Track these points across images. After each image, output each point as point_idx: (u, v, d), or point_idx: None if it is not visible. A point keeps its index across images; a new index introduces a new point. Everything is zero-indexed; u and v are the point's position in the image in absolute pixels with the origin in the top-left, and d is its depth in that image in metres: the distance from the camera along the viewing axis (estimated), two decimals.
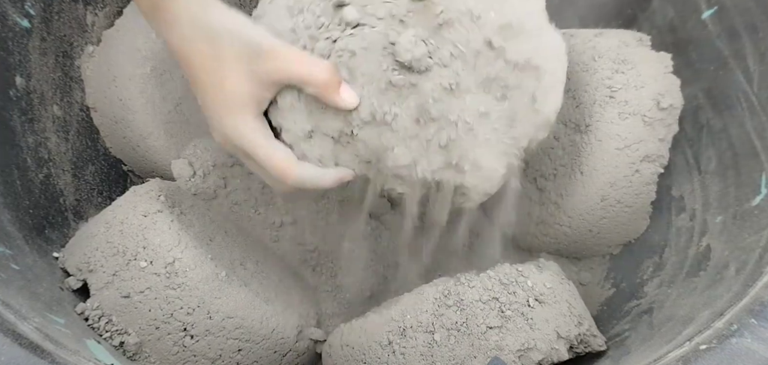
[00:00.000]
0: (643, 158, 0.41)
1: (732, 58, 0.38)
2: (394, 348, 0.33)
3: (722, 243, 0.35)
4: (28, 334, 0.24)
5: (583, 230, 0.44)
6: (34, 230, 0.36)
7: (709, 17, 0.40)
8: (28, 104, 0.38)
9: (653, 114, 0.40)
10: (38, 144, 0.38)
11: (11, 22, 0.36)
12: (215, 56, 0.28)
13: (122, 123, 0.43)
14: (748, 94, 0.37)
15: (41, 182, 0.38)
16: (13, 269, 0.30)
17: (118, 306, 0.33)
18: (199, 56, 0.28)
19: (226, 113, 0.29)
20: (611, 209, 0.43)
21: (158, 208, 0.36)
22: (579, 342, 0.34)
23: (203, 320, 0.34)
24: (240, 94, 0.28)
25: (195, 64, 0.29)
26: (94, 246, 0.35)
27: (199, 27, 0.28)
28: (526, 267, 0.35)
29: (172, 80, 0.44)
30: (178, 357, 0.34)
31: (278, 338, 0.38)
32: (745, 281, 0.29)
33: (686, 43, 0.42)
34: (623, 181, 0.41)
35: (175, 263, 0.34)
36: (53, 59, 0.41)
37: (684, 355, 0.25)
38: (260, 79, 0.28)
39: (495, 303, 0.32)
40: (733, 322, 0.26)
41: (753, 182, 0.35)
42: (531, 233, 0.48)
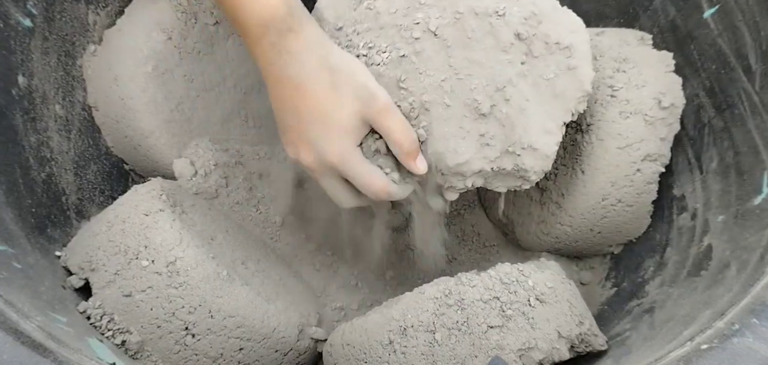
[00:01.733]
0: (644, 157, 0.41)
1: (734, 57, 0.38)
2: (395, 347, 0.33)
3: (724, 243, 0.35)
4: (30, 333, 0.24)
5: (584, 230, 0.44)
6: (36, 228, 0.36)
7: (711, 16, 0.40)
8: (30, 103, 0.38)
9: (654, 113, 0.40)
10: (40, 143, 0.39)
11: (13, 22, 0.37)
12: (334, 88, 0.33)
13: (124, 122, 0.43)
14: (749, 93, 0.37)
15: (43, 181, 0.38)
16: (15, 268, 0.31)
17: (120, 305, 0.33)
18: (321, 86, 0.33)
19: (335, 136, 0.33)
20: (612, 208, 0.43)
21: (160, 207, 0.36)
22: (580, 342, 0.34)
23: (205, 319, 0.34)
24: (348, 124, 0.33)
25: (315, 90, 0.33)
26: (96, 245, 0.35)
27: (324, 59, 0.33)
28: (527, 267, 0.35)
29: (173, 80, 0.44)
30: (180, 356, 0.34)
31: (279, 337, 0.38)
32: (746, 280, 0.29)
33: (688, 41, 0.42)
34: (624, 180, 0.41)
35: (176, 263, 0.34)
36: (55, 58, 0.41)
37: (685, 355, 0.25)
38: (365, 120, 0.34)
39: (496, 302, 0.32)
40: (734, 322, 0.25)
41: (755, 181, 0.35)
42: (532, 233, 0.48)
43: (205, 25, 0.45)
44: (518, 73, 0.33)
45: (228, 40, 0.47)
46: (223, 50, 0.47)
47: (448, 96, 0.33)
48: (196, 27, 0.45)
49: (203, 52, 0.45)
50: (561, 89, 0.33)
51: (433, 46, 0.33)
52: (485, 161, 0.34)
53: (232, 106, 0.48)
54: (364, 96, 0.33)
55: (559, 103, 0.34)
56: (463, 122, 0.33)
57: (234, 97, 0.48)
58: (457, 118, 0.33)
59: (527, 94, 0.33)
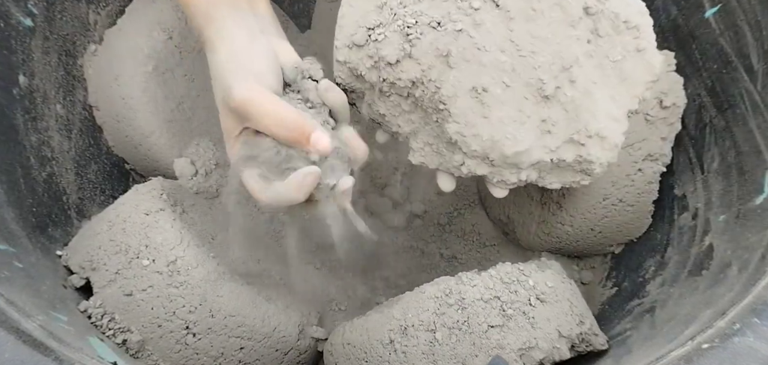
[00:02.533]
0: (645, 156, 0.41)
1: (735, 56, 0.38)
2: (395, 346, 0.33)
3: (725, 242, 0.35)
4: (31, 332, 0.24)
5: (584, 229, 0.44)
6: (37, 228, 0.36)
7: (713, 15, 0.40)
8: (31, 103, 0.38)
9: (656, 113, 0.40)
10: (41, 143, 0.39)
11: (14, 21, 0.37)
12: (215, 84, 0.32)
13: (124, 122, 0.43)
14: (751, 92, 0.37)
15: (44, 181, 0.38)
16: (16, 267, 0.31)
17: (121, 304, 0.34)
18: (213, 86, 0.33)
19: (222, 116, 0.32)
20: (613, 208, 0.42)
21: (160, 206, 0.36)
22: (580, 341, 0.34)
23: (205, 318, 0.34)
24: (227, 130, 0.32)
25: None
26: (97, 244, 0.35)
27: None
28: (528, 266, 0.35)
29: (174, 79, 0.44)
30: (181, 355, 0.34)
31: (280, 336, 0.38)
32: (747, 280, 0.29)
33: (689, 41, 0.42)
34: (625, 180, 0.41)
35: (177, 262, 0.34)
36: (56, 58, 0.41)
37: (686, 354, 0.25)
38: (240, 121, 0.31)
39: (496, 301, 0.32)
40: (735, 321, 0.25)
41: (756, 180, 0.35)
42: (532, 232, 0.48)
43: None
44: (585, 52, 0.29)
45: None
46: None
47: (508, 75, 0.29)
48: None
49: (204, 51, 0.45)
50: (629, 73, 0.30)
51: (493, 19, 0.29)
52: (545, 150, 0.30)
53: None
54: (224, 98, 0.31)
55: (625, 88, 0.30)
56: (524, 105, 0.29)
57: None
58: (516, 100, 0.29)
59: (593, 76, 0.29)
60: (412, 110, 0.32)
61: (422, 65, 0.30)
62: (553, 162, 0.31)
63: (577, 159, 0.31)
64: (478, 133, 0.30)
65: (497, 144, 0.30)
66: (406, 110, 0.32)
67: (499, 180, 0.32)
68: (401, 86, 0.31)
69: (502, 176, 0.31)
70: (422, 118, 0.32)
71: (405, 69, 0.30)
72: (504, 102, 0.29)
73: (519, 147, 0.30)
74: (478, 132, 0.30)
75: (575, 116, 0.30)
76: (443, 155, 0.32)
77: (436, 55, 0.29)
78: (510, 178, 0.31)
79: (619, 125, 0.30)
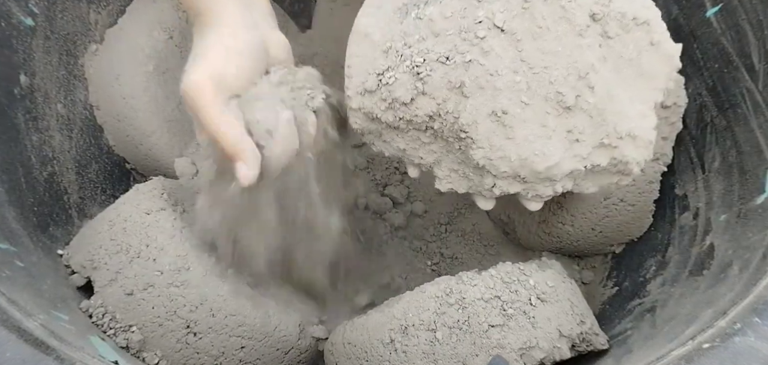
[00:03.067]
0: None
1: (737, 55, 0.38)
2: (396, 346, 0.33)
3: (726, 242, 0.35)
4: (32, 331, 0.24)
5: (585, 229, 0.44)
6: (38, 227, 0.36)
7: (714, 15, 0.40)
8: (32, 102, 0.38)
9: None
10: (42, 142, 0.39)
11: (15, 21, 0.37)
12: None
13: (125, 121, 0.43)
14: (752, 92, 0.37)
15: (45, 180, 0.38)
16: (17, 267, 0.31)
17: (122, 303, 0.34)
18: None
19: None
20: (614, 207, 0.42)
21: (161, 206, 0.36)
22: (581, 341, 0.34)
23: (206, 317, 0.34)
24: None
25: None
26: (98, 244, 0.35)
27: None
28: (528, 266, 0.35)
29: (174, 79, 0.44)
30: (182, 354, 0.35)
31: (281, 335, 0.38)
32: (748, 280, 0.29)
33: (690, 40, 0.42)
34: None
35: (177, 261, 0.34)
36: (57, 57, 0.41)
37: (687, 354, 0.25)
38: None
39: (497, 301, 0.32)
40: (736, 321, 0.25)
41: (757, 180, 0.35)
42: (533, 232, 0.48)
43: None
44: (599, 57, 0.29)
45: None
46: None
47: (525, 94, 0.29)
48: None
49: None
50: (647, 67, 0.30)
51: (500, 44, 0.29)
52: (577, 159, 0.30)
53: None
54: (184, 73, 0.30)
55: (646, 82, 0.30)
56: (547, 119, 0.29)
57: None
58: (538, 116, 0.29)
59: (612, 78, 0.29)
60: (432, 141, 0.32)
61: (437, 100, 0.30)
62: (587, 169, 0.31)
63: (612, 162, 0.30)
64: (506, 154, 0.30)
65: (527, 162, 0.30)
66: (425, 142, 0.32)
67: (534, 195, 0.32)
68: (419, 122, 0.31)
69: (536, 192, 0.31)
70: (443, 147, 0.32)
71: (420, 106, 0.30)
72: (526, 120, 0.29)
73: (549, 162, 0.30)
74: (506, 153, 0.30)
75: (601, 121, 0.29)
76: (471, 179, 0.32)
77: (449, 88, 0.29)
78: (545, 191, 0.31)
79: (647, 120, 0.30)
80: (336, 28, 0.57)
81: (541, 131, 0.29)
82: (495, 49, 0.29)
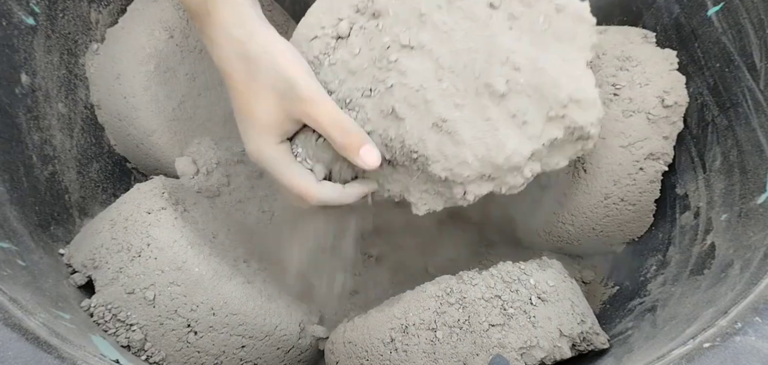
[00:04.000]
0: (647, 155, 0.41)
1: (738, 54, 0.38)
2: (396, 345, 0.33)
3: (727, 241, 0.35)
4: (34, 329, 0.24)
5: (586, 229, 0.44)
6: (39, 226, 0.36)
7: (715, 14, 0.40)
8: (33, 102, 0.38)
9: (658, 112, 0.40)
10: (43, 141, 0.39)
11: (16, 20, 0.37)
12: (251, 78, 0.29)
13: (126, 120, 0.44)
14: (753, 91, 0.37)
15: (46, 179, 0.38)
16: (19, 266, 0.31)
17: (123, 302, 0.34)
18: (238, 75, 0.30)
19: (253, 132, 0.30)
20: (615, 207, 0.42)
21: (162, 205, 0.36)
22: (582, 340, 0.34)
23: (207, 316, 0.35)
24: (267, 120, 0.30)
25: (233, 79, 0.30)
26: (99, 243, 0.35)
27: (241, 44, 0.29)
28: (529, 265, 0.35)
29: (175, 78, 0.44)
30: (182, 353, 0.35)
31: (281, 335, 0.38)
32: (749, 279, 0.29)
33: (692, 39, 0.42)
34: (627, 179, 0.41)
35: (178, 260, 0.34)
36: (58, 57, 0.41)
37: (687, 353, 0.25)
38: (288, 114, 0.30)
39: (497, 300, 0.32)
40: (737, 320, 0.25)
41: (758, 179, 0.35)
42: (533, 232, 0.48)
43: None
44: (513, 38, 0.29)
45: None
46: None
47: (457, 97, 0.29)
48: None
49: (205, 50, 0.45)
50: (563, 32, 0.29)
51: (414, 59, 0.29)
52: (533, 140, 0.29)
53: None
54: (283, 88, 0.29)
55: (568, 45, 0.29)
56: (487, 112, 0.29)
57: None
58: (477, 112, 0.29)
59: (533, 53, 0.29)
60: (392, 171, 0.33)
61: (378, 131, 0.30)
62: (546, 146, 0.30)
63: (567, 131, 0.30)
64: (463, 159, 0.29)
65: (486, 159, 0.29)
66: (387, 174, 0.33)
67: (508, 189, 0.31)
68: None
69: (508, 184, 0.31)
70: (404, 173, 0.32)
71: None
72: (467, 121, 0.29)
73: (507, 151, 0.29)
74: (462, 158, 0.29)
75: (539, 96, 0.29)
76: (443, 194, 0.32)
77: (383, 116, 0.30)
78: (516, 181, 0.31)
79: (584, 80, 0.29)
80: None
81: (486, 125, 0.29)
82: (411, 66, 0.29)
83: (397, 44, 0.29)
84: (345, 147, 0.30)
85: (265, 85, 0.29)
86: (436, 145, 0.29)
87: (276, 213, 0.44)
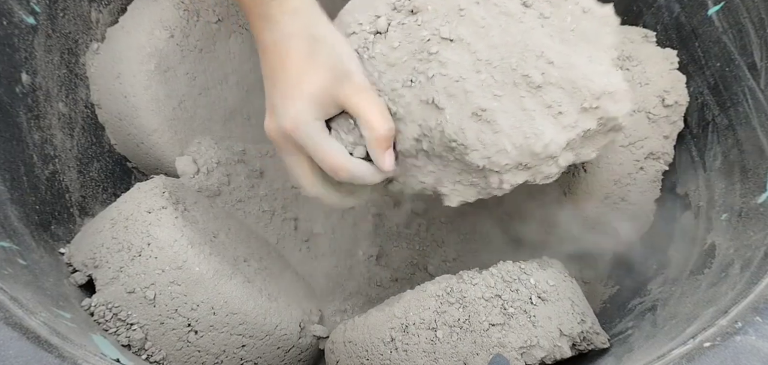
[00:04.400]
0: (647, 155, 0.41)
1: (738, 54, 0.38)
2: (396, 344, 0.33)
3: (727, 241, 0.35)
4: (35, 329, 0.24)
5: (586, 228, 0.44)
6: (40, 226, 0.36)
7: (716, 13, 0.39)
8: (33, 101, 0.38)
9: (658, 111, 0.40)
10: (44, 141, 0.39)
11: (17, 19, 0.37)
12: (310, 56, 0.31)
13: (127, 120, 0.44)
14: (754, 90, 0.37)
15: (47, 179, 0.38)
16: (20, 265, 0.31)
17: (124, 301, 0.34)
18: (297, 51, 0.31)
19: (296, 104, 0.31)
20: (615, 206, 0.42)
21: (163, 204, 0.36)
22: (582, 340, 0.34)
23: (207, 315, 0.35)
24: (316, 95, 0.31)
25: (291, 56, 0.31)
26: (100, 242, 0.35)
27: (308, 26, 0.31)
28: (529, 265, 0.35)
29: (176, 77, 0.44)
30: (183, 352, 0.35)
31: (281, 334, 0.38)
32: (749, 278, 0.29)
33: (692, 39, 0.42)
34: (627, 178, 0.41)
35: (179, 260, 0.34)
36: (58, 56, 0.41)
37: (688, 353, 0.25)
38: (334, 97, 0.31)
39: (497, 300, 0.32)
40: (737, 320, 0.25)
41: (758, 179, 0.35)
42: (534, 231, 0.47)
43: (208, 22, 0.45)
44: (544, 35, 0.31)
45: (230, 38, 0.47)
46: (225, 48, 0.47)
47: (495, 88, 0.30)
48: (199, 25, 0.45)
49: (205, 49, 0.45)
50: (590, 32, 0.31)
51: (454, 51, 0.30)
52: (568, 129, 0.30)
53: (234, 103, 0.48)
54: (339, 72, 0.31)
55: (594, 45, 0.31)
56: (524, 102, 0.30)
57: (236, 94, 0.48)
58: (515, 102, 0.30)
59: (564, 50, 0.30)
60: (427, 162, 0.33)
61: (417, 121, 0.31)
62: (580, 136, 0.31)
63: (600, 122, 0.31)
64: (501, 147, 0.30)
65: (524, 148, 0.30)
66: (420, 165, 0.33)
67: (542, 178, 0.32)
68: (408, 148, 0.32)
69: (543, 173, 0.32)
70: (440, 164, 0.33)
71: (405, 133, 0.32)
72: (505, 110, 0.30)
73: (545, 139, 0.30)
74: (501, 146, 0.30)
75: (573, 89, 0.30)
76: (477, 184, 0.33)
77: (423, 106, 0.31)
78: (551, 171, 0.32)
79: (614, 76, 0.31)
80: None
81: (524, 114, 0.30)
82: (451, 58, 0.30)
83: (437, 37, 0.30)
84: (379, 140, 0.31)
85: (324, 64, 0.31)
86: (475, 134, 0.30)
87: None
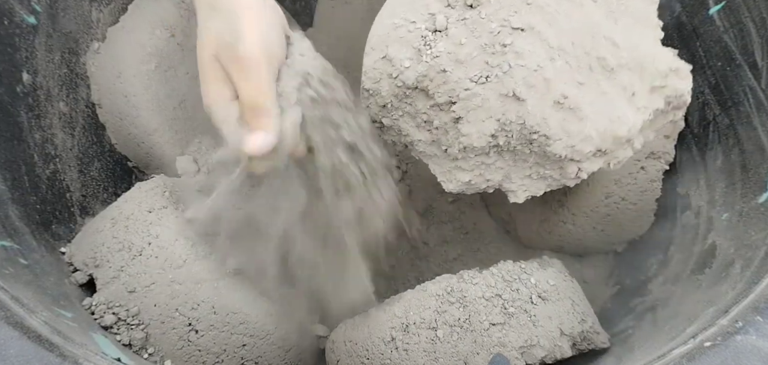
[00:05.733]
0: (648, 154, 0.41)
1: (740, 53, 0.38)
2: (396, 344, 0.33)
3: (728, 240, 0.35)
4: (36, 328, 0.24)
5: (587, 228, 0.44)
6: (41, 225, 0.36)
7: (717, 12, 0.39)
8: (34, 101, 0.38)
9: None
10: (45, 140, 0.39)
11: (18, 19, 0.37)
12: (212, 7, 0.30)
13: (127, 119, 0.44)
14: (755, 90, 0.37)
15: (48, 178, 0.38)
16: (21, 264, 0.31)
17: (124, 301, 0.34)
18: (201, 7, 0.30)
19: (202, 68, 0.31)
20: (616, 206, 0.42)
21: (163, 204, 0.36)
22: (582, 339, 0.34)
23: (208, 315, 0.35)
24: (207, 61, 0.30)
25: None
26: (101, 242, 0.35)
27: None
28: (530, 264, 0.35)
29: (176, 77, 0.44)
30: (184, 352, 0.35)
31: (282, 333, 0.38)
32: (750, 278, 0.29)
33: (693, 38, 0.42)
34: (628, 178, 0.41)
35: (179, 259, 0.34)
36: (59, 56, 0.41)
37: (688, 352, 0.25)
38: (222, 63, 0.30)
39: (498, 299, 0.32)
40: (738, 319, 0.25)
41: (759, 179, 0.35)
42: (534, 231, 0.47)
43: None
44: (603, 17, 0.30)
45: None
46: None
47: (576, 74, 0.29)
48: None
49: None
50: (638, 13, 0.32)
51: (526, 41, 0.29)
52: (641, 111, 0.30)
53: None
54: (226, 39, 0.29)
55: (643, 24, 0.32)
56: (602, 86, 0.30)
57: None
58: (595, 87, 0.29)
59: (622, 30, 0.31)
60: (498, 158, 0.32)
61: (495, 116, 0.30)
62: (650, 117, 0.31)
63: (667, 101, 0.31)
64: (586, 135, 0.30)
65: (608, 133, 0.30)
66: (490, 163, 0.33)
67: (616, 163, 0.32)
68: (482, 146, 0.31)
69: (618, 158, 0.32)
70: (510, 159, 0.32)
71: (481, 130, 0.31)
72: (587, 95, 0.29)
73: (629, 123, 0.30)
74: (586, 134, 0.30)
75: (641, 69, 0.30)
76: (549, 176, 0.32)
77: (502, 100, 0.30)
78: (626, 154, 0.32)
79: (668, 53, 0.31)
80: (337, 26, 0.57)
81: (604, 99, 0.30)
82: (525, 48, 0.29)
83: (507, 28, 0.29)
84: (246, 114, 0.30)
85: (215, 25, 0.29)
86: (558, 123, 0.30)
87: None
